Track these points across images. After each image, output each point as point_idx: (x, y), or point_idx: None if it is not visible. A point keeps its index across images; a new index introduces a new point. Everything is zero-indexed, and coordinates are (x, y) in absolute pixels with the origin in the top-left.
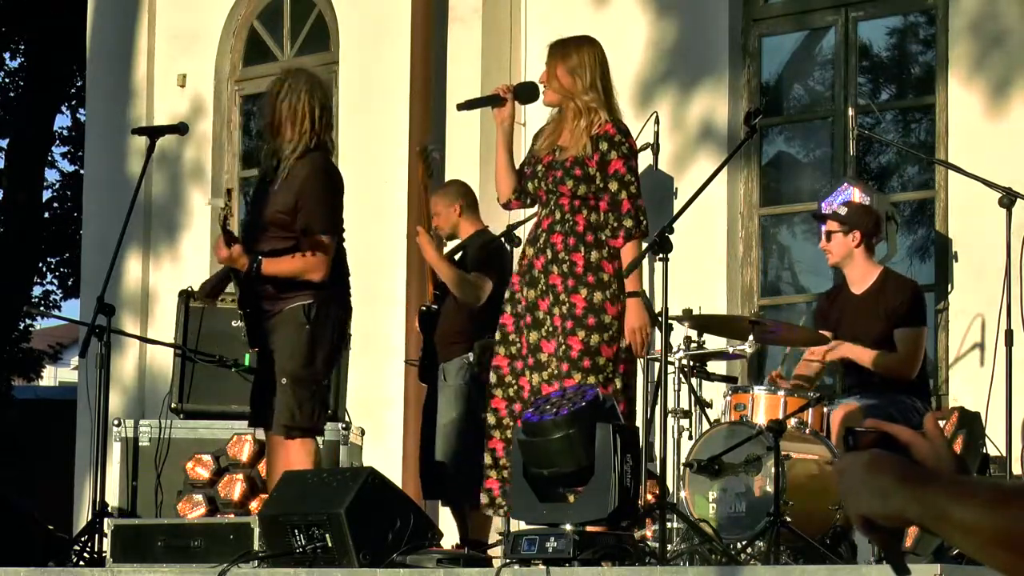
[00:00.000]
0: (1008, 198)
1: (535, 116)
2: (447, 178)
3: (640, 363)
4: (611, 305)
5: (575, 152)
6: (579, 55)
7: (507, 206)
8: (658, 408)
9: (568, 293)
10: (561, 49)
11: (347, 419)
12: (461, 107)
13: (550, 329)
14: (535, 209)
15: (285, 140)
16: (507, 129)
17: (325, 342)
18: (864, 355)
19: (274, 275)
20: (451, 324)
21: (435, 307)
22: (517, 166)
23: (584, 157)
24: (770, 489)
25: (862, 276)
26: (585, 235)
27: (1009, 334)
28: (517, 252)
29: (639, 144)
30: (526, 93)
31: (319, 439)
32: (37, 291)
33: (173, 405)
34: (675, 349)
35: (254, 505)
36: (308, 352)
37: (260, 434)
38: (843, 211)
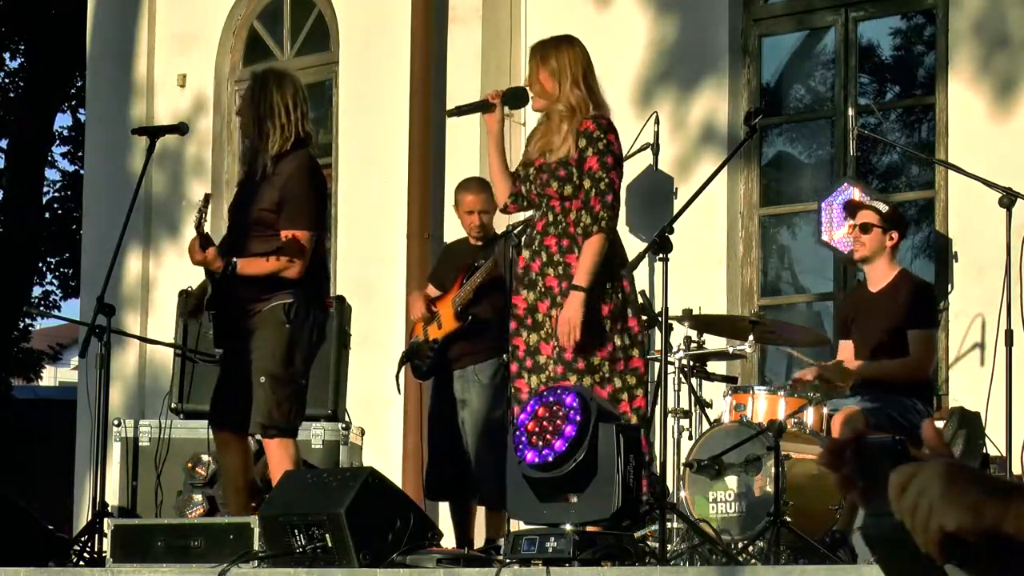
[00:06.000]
0: (1008, 198)
1: (534, 116)
2: (448, 178)
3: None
4: (603, 304)
5: (562, 154)
6: (558, 57)
7: (504, 210)
8: (658, 408)
9: (564, 295)
10: (540, 52)
11: (347, 419)
12: (451, 113)
13: (549, 331)
14: (532, 212)
15: (266, 138)
16: (497, 134)
17: (304, 342)
18: (876, 370)
19: (251, 276)
20: (485, 328)
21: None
22: (512, 169)
23: (568, 158)
24: (770, 489)
25: (881, 275)
26: (576, 236)
27: (1009, 334)
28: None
29: (639, 144)
30: (515, 98)
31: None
32: (37, 291)
33: (173, 405)
34: (675, 349)
35: (254, 505)
36: (287, 351)
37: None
38: (883, 208)
